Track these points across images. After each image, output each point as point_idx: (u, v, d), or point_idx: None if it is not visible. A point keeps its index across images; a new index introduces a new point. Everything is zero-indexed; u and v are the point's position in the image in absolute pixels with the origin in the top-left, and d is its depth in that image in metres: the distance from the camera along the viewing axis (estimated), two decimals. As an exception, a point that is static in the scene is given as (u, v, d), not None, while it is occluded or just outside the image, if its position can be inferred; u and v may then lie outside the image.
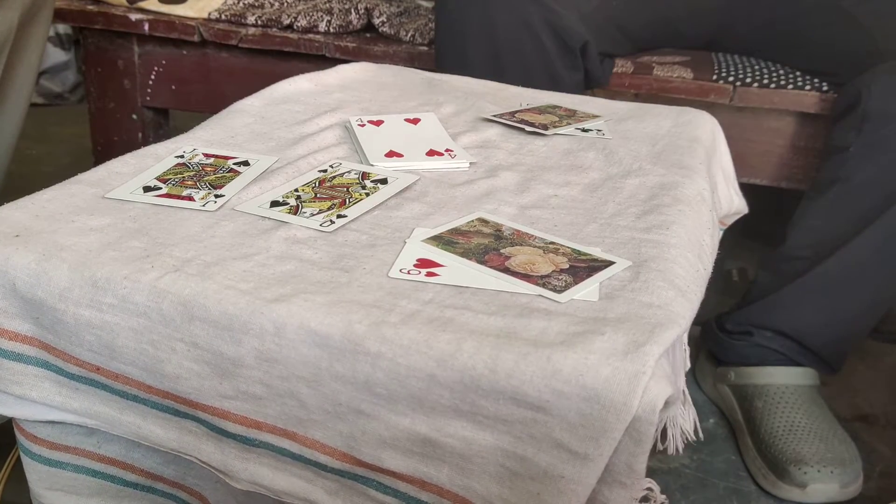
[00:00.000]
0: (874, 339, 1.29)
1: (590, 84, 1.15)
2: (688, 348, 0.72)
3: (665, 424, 0.60)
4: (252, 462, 0.55)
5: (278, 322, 0.50)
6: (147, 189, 0.66)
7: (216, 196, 0.65)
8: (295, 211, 0.64)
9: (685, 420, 0.62)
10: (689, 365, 0.74)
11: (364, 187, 0.68)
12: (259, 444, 0.54)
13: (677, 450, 0.61)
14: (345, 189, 0.67)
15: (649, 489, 0.50)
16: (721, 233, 0.87)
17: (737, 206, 0.88)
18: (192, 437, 0.56)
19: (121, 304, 0.53)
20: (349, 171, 0.71)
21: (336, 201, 0.65)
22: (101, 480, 0.63)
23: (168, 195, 0.65)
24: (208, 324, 0.51)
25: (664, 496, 0.51)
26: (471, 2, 1.04)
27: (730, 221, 0.91)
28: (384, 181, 0.69)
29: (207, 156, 0.72)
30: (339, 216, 0.63)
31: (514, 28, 1.03)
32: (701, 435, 0.65)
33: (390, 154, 0.74)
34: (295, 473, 0.55)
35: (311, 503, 0.55)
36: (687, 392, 0.64)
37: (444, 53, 1.08)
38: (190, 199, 0.65)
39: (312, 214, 0.63)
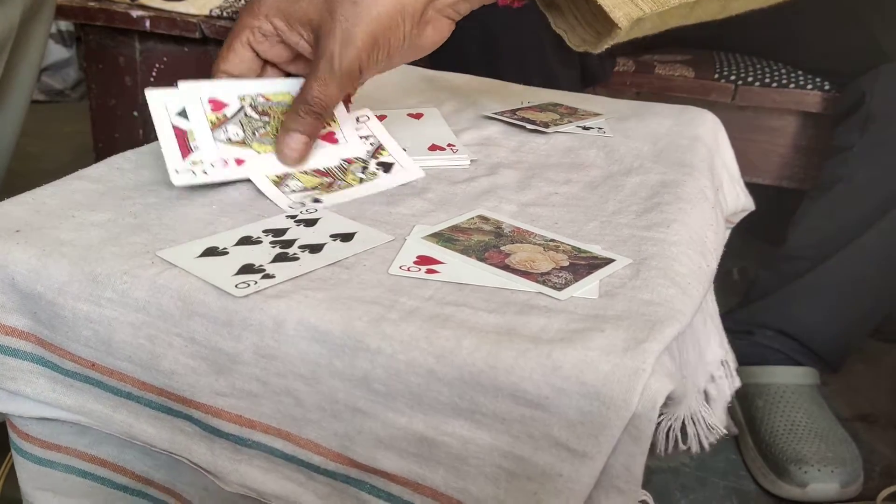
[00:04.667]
0: (874, 339, 1.29)
1: (589, 81, 1.15)
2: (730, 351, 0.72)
3: (684, 422, 0.58)
4: (243, 463, 0.55)
5: (278, 318, 0.50)
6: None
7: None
8: (280, 181, 0.62)
9: (709, 414, 0.59)
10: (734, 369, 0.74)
11: (366, 169, 0.66)
12: (252, 444, 0.54)
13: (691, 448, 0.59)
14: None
15: (644, 502, 0.49)
16: (729, 231, 0.87)
17: (743, 203, 0.87)
18: (183, 437, 0.56)
19: (120, 298, 0.53)
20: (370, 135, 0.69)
21: (326, 179, 0.64)
22: (92, 482, 0.63)
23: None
24: (208, 319, 0.51)
25: None
26: None
27: (737, 219, 0.90)
28: (388, 168, 0.68)
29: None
30: (314, 200, 0.62)
31: (508, 23, 1.03)
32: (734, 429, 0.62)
33: (392, 149, 0.74)
34: (286, 476, 0.54)
35: (301, 506, 0.54)
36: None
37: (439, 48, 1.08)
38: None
39: (294, 191, 0.62)
